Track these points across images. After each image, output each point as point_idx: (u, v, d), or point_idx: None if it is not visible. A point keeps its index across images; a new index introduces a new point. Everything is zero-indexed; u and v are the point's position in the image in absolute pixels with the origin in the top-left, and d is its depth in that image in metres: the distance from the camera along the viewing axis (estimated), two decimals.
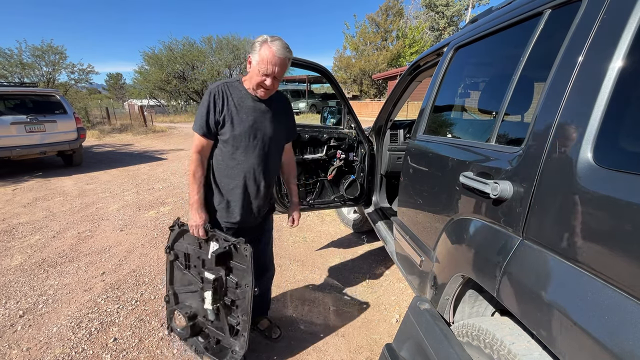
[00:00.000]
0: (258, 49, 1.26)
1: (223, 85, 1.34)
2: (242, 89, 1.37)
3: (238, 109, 1.34)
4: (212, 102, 1.31)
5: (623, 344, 0.51)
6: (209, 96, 1.32)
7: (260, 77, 1.28)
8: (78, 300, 2.19)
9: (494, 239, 0.91)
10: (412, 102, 13.90)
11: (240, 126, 1.35)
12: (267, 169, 1.47)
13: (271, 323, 1.86)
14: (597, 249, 0.61)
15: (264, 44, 1.25)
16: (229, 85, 1.36)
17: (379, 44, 24.84)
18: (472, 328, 0.91)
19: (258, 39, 1.28)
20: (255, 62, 1.27)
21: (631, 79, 0.63)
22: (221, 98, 1.32)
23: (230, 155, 1.38)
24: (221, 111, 1.32)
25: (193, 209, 1.39)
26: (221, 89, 1.33)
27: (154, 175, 6.00)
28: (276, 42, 1.25)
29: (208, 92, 1.33)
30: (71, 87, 17.89)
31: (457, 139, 1.44)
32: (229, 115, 1.33)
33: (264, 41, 1.26)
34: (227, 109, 1.33)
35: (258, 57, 1.25)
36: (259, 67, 1.26)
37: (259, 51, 1.25)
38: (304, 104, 18.97)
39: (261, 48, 1.25)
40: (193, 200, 1.39)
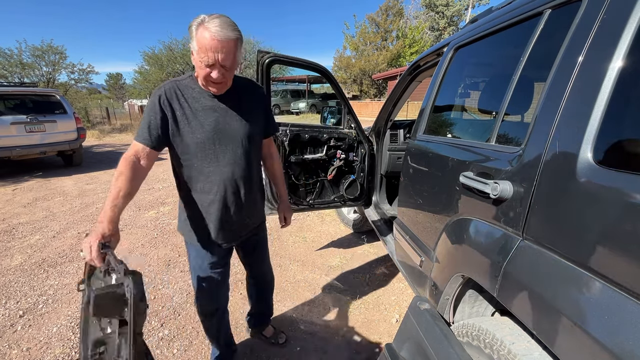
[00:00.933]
0: (194, 34, 0.99)
1: (172, 85, 1.11)
2: (196, 87, 1.13)
3: (194, 111, 1.11)
4: (159, 107, 1.07)
5: (623, 344, 0.51)
6: (156, 99, 1.07)
7: (204, 70, 1.03)
8: (78, 300, 2.19)
9: (494, 239, 0.91)
10: (412, 102, 13.90)
11: (200, 131, 1.11)
12: (246, 175, 1.23)
13: (275, 329, 1.84)
14: (597, 249, 0.61)
15: (200, 27, 0.98)
16: (179, 84, 1.12)
17: (379, 44, 24.84)
18: (472, 328, 0.91)
19: (193, 21, 1.01)
20: (194, 50, 1.01)
21: (631, 79, 0.63)
22: (172, 100, 1.09)
23: (197, 167, 1.15)
24: (174, 117, 1.09)
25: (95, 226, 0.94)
26: (170, 89, 1.10)
27: (153, 175, 6.00)
28: (215, 21, 0.98)
29: (155, 95, 1.08)
30: (71, 87, 17.88)
31: (457, 139, 1.44)
32: (185, 121, 1.10)
33: (199, 23, 0.99)
34: (181, 113, 1.09)
35: (196, 44, 0.99)
36: (199, 57, 1.00)
37: (196, 37, 0.99)
38: (304, 104, 18.97)
39: (197, 32, 0.99)
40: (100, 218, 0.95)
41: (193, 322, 1.98)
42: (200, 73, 1.05)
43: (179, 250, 2.93)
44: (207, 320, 1.45)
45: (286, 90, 21.35)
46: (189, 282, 2.41)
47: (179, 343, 1.80)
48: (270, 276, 1.69)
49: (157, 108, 1.07)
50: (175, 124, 1.10)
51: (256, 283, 1.67)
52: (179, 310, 2.09)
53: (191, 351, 1.74)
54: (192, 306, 2.13)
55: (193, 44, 1.01)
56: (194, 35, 1.00)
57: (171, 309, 2.10)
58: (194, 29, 1.00)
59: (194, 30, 1.00)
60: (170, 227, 3.46)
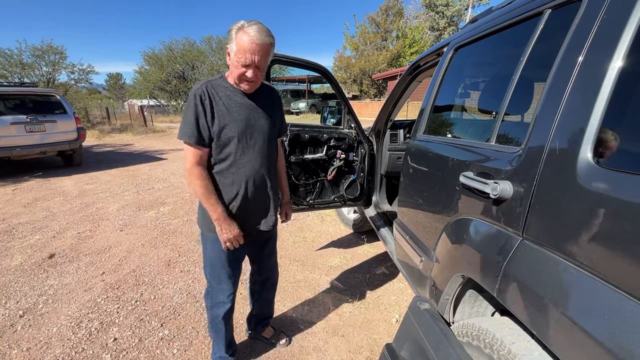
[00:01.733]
0: (234, 38, 1.12)
1: (207, 85, 1.20)
2: (228, 85, 1.23)
3: (228, 108, 1.21)
4: (200, 105, 1.17)
5: (623, 344, 0.51)
6: (194, 99, 1.16)
7: (240, 70, 1.15)
8: (78, 300, 2.19)
9: (494, 239, 0.91)
10: (412, 102, 13.91)
11: (235, 126, 1.22)
12: (271, 167, 1.37)
13: (275, 330, 1.84)
14: (597, 248, 0.61)
15: (240, 31, 1.11)
16: (213, 84, 1.22)
17: (379, 44, 24.83)
18: (472, 328, 0.91)
19: (233, 25, 1.13)
20: (233, 51, 1.13)
21: (631, 79, 0.63)
22: (208, 99, 1.18)
23: (229, 160, 1.25)
24: (212, 114, 1.18)
25: (222, 222, 1.24)
26: (206, 89, 1.19)
27: (154, 175, 6.00)
28: (253, 27, 1.10)
29: (192, 95, 1.17)
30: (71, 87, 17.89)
31: (457, 139, 1.44)
32: (221, 117, 1.20)
33: (239, 28, 1.11)
34: (217, 110, 1.19)
35: (235, 46, 1.12)
36: (237, 58, 1.12)
37: (235, 39, 1.11)
38: (304, 104, 18.97)
39: (237, 36, 1.11)
40: (218, 214, 1.23)
41: (193, 322, 1.98)
42: (235, 72, 1.17)
43: (179, 250, 2.93)
44: (215, 315, 1.47)
45: (286, 90, 21.35)
46: (189, 282, 2.41)
47: (179, 343, 1.80)
48: (276, 274, 1.72)
49: (199, 108, 1.16)
50: (213, 120, 1.19)
51: (261, 281, 1.67)
52: (179, 310, 2.09)
53: (191, 351, 1.74)
54: (192, 306, 2.13)
55: (232, 46, 1.14)
56: (234, 38, 1.12)
57: (171, 309, 2.10)
58: (234, 32, 1.12)
59: (233, 33, 1.12)
60: (170, 227, 3.47)
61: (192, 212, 3.94)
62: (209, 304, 1.49)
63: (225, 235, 1.26)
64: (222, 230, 1.25)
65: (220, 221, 1.24)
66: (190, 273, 2.54)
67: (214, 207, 1.22)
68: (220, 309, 1.45)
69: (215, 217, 1.23)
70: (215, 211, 1.22)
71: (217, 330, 1.52)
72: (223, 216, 1.23)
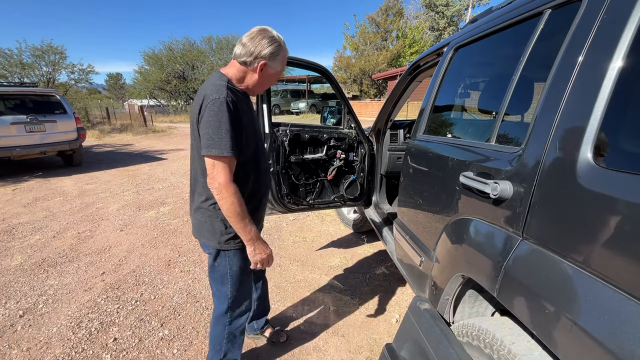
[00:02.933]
0: (279, 57, 1.13)
1: (228, 91, 1.08)
2: (239, 90, 1.16)
3: (247, 114, 1.16)
4: (235, 113, 1.06)
5: (623, 344, 0.51)
6: (227, 107, 1.04)
7: (274, 82, 1.23)
8: (78, 300, 2.19)
9: (494, 239, 0.91)
10: (412, 102, 13.90)
11: (253, 133, 1.20)
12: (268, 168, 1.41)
13: (274, 329, 1.84)
14: (597, 248, 0.61)
15: (281, 50, 1.13)
16: (230, 89, 1.10)
17: (379, 44, 24.83)
18: (472, 328, 0.91)
19: (271, 42, 1.09)
20: (275, 70, 1.16)
21: (631, 79, 0.63)
22: (234, 105, 1.08)
23: (252, 169, 1.21)
24: (241, 122, 1.10)
25: (257, 242, 1.17)
26: (230, 95, 1.08)
27: (154, 175, 6.00)
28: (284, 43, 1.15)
29: (223, 103, 1.04)
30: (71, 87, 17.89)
31: (457, 139, 1.44)
32: (246, 125, 1.14)
33: (279, 45, 1.11)
34: (244, 118, 1.13)
35: (279, 64, 1.15)
36: (277, 73, 1.18)
37: (280, 56, 1.14)
38: (304, 104, 18.97)
39: (280, 54, 1.13)
40: (252, 234, 1.15)
41: (193, 322, 1.98)
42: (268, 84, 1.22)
43: (179, 250, 2.93)
44: (237, 326, 1.39)
45: (286, 90, 21.35)
46: (189, 282, 2.41)
47: (179, 343, 1.80)
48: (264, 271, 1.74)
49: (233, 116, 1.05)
50: (242, 129, 1.11)
51: (257, 278, 1.68)
52: (179, 310, 2.09)
53: (191, 351, 1.74)
54: (192, 306, 2.13)
55: (275, 64, 1.15)
56: (279, 53, 1.13)
57: (171, 309, 2.10)
58: (276, 49, 1.11)
59: (278, 49, 1.12)
60: (170, 227, 3.47)
61: None
62: (228, 320, 1.36)
63: (259, 256, 1.19)
64: (255, 251, 1.17)
65: (254, 241, 1.16)
66: (190, 273, 2.54)
67: (248, 227, 1.12)
68: (243, 317, 1.40)
69: (249, 238, 1.14)
70: (250, 232, 1.14)
71: (234, 342, 1.41)
72: (257, 235, 1.17)
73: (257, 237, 1.17)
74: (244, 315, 1.40)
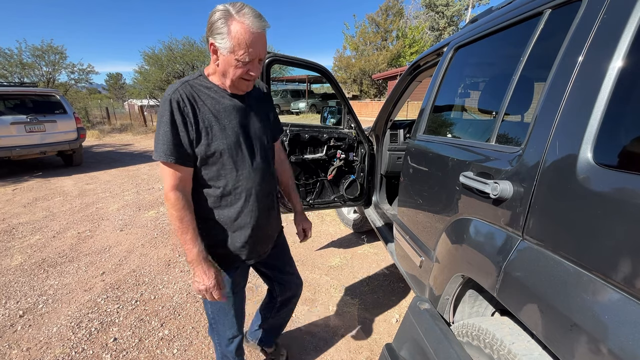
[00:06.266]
0: (226, 30, 0.88)
1: (185, 88, 0.96)
2: (212, 86, 1.00)
3: (216, 114, 0.98)
4: (179, 114, 0.92)
5: (623, 344, 0.51)
6: (170, 106, 0.91)
7: (241, 69, 0.93)
8: (78, 300, 2.19)
9: (494, 239, 0.91)
10: (412, 102, 13.90)
11: (225, 136, 0.99)
12: (271, 178, 1.15)
13: (277, 346, 1.69)
14: (597, 248, 0.61)
15: (232, 20, 0.87)
16: (192, 85, 0.98)
17: (379, 44, 24.83)
18: (472, 328, 0.91)
19: (216, 13, 0.89)
20: (227, 49, 0.90)
21: (631, 79, 0.63)
22: (189, 105, 0.93)
23: (224, 175, 1.02)
24: (194, 124, 0.94)
25: (196, 267, 0.99)
26: (184, 93, 0.94)
27: (154, 175, 6.00)
28: (246, 12, 0.88)
29: (167, 102, 0.92)
30: (71, 87, 17.88)
31: (457, 139, 1.44)
32: (207, 127, 0.96)
33: (228, 16, 0.88)
34: (202, 118, 0.96)
35: (230, 41, 0.88)
36: (235, 56, 0.90)
37: (229, 33, 0.88)
38: (304, 104, 18.96)
39: (230, 27, 0.87)
40: (192, 256, 0.98)
41: (193, 322, 1.98)
42: (233, 72, 0.94)
43: (179, 250, 2.93)
44: (228, 351, 1.26)
45: (286, 90, 21.35)
46: (189, 282, 2.41)
47: (179, 343, 1.80)
48: (299, 291, 1.48)
49: (177, 117, 0.92)
50: (198, 132, 0.95)
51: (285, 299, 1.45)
52: (179, 310, 2.09)
53: (191, 351, 1.74)
54: (192, 306, 2.13)
55: (223, 42, 0.89)
56: (224, 30, 0.88)
57: (171, 309, 2.10)
58: (223, 23, 0.87)
59: (222, 24, 0.88)
60: (170, 227, 3.46)
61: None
62: (216, 341, 1.26)
63: (196, 284, 1.01)
64: (194, 276, 1.00)
65: (194, 265, 0.99)
66: (190, 273, 2.53)
67: (189, 245, 0.97)
68: (231, 345, 1.24)
69: (190, 259, 0.98)
70: (190, 251, 0.97)
71: None
72: (198, 259, 0.98)
73: (198, 260, 0.98)
74: (231, 344, 1.25)
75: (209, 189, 1.03)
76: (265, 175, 1.11)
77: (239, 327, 1.25)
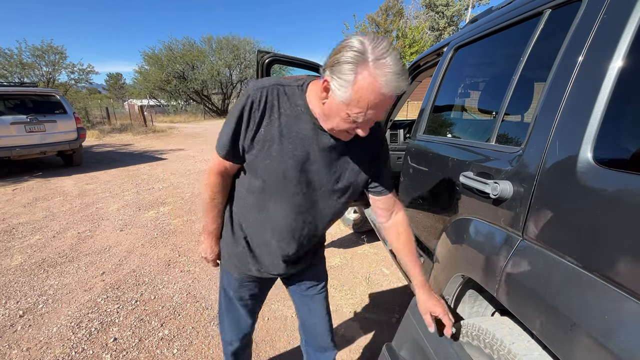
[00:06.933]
0: (351, 78, 0.67)
1: (271, 91, 0.82)
2: (301, 104, 0.83)
3: (283, 132, 0.83)
4: (248, 113, 0.81)
5: (623, 344, 0.51)
6: (244, 103, 0.81)
7: (349, 125, 0.75)
8: (78, 300, 2.19)
9: (494, 239, 0.91)
10: (412, 102, 13.91)
11: (278, 161, 0.84)
12: (310, 233, 0.96)
13: None
14: (597, 248, 0.61)
15: (364, 68, 0.66)
16: (285, 90, 0.83)
17: None
18: (472, 328, 0.91)
19: (347, 51, 0.67)
20: (344, 99, 0.70)
21: (631, 79, 0.63)
22: (261, 110, 0.81)
23: (257, 195, 0.91)
24: (256, 129, 0.83)
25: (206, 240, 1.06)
26: (266, 94, 0.81)
27: (154, 175, 6.00)
28: (387, 65, 0.65)
29: (245, 97, 0.81)
30: (71, 87, 17.90)
31: (457, 139, 1.44)
32: (265, 140, 0.83)
33: (361, 62, 0.66)
34: (266, 128, 0.83)
35: (350, 94, 0.68)
36: (348, 110, 0.71)
37: (354, 83, 0.67)
38: None
39: (358, 76, 0.67)
40: (207, 231, 1.03)
41: (193, 322, 1.98)
42: (338, 124, 0.77)
43: (179, 250, 2.93)
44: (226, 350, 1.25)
45: None
46: (189, 282, 2.41)
47: (179, 343, 1.80)
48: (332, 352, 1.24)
49: (244, 117, 0.82)
50: (253, 140, 0.84)
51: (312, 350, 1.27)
52: (179, 310, 2.09)
53: (191, 351, 1.74)
54: (192, 306, 2.13)
55: (342, 91, 0.69)
56: (351, 80, 0.67)
57: (171, 309, 2.10)
58: (351, 70, 0.67)
59: (349, 72, 0.67)
60: (170, 227, 3.46)
61: (192, 212, 3.94)
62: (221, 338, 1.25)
63: (202, 252, 1.09)
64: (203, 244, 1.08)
65: (205, 237, 1.06)
66: (190, 273, 2.54)
67: (209, 220, 1.01)
68: (229, 347, 1.23)
69: (204, 231, 1.04)
70: (208, 226, 1.02)
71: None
72: (210, 235, 1.05)
73: (210, 235, 1.04)
74: (229, 347, 1.22)
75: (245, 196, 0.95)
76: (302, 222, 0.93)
77: (237, 334, 1.19)
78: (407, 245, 1.01)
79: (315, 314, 1.18)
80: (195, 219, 3.70)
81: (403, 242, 1.01)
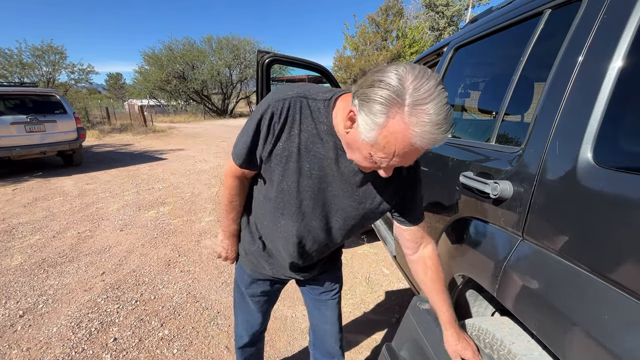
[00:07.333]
0: (381, 121, 0.58)
1: (294, 103, 0.75)
2: (324, 121, 0.76)
3: (301, 150, 0.77)
4: (267, 125, 0.75)
5: (623, 344, 0.51)
6: (263, 112, 0.75)
7: (369, 164, 0.68)
8: (78, 300, 2.19)
9: (494, 239, 0.91)
10: None
11: (293, 180, 0.80)
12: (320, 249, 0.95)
13: None
14: (597, 248, 0.61)
15: (397, 112, 0.56)
16: (308, 103, 0.76)
17: (379, 44, 24.81)
18: (472, 328, 0.91)
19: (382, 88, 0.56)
20: (369, 140, 0.62)
21: (631, 79, 0.63)
22: (282, 123, 0.75)
23: (272, 204, 0.88)
24: (274, 142, 0.77)
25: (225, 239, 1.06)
26: (291, 106, 0.75)
27: (154, 175, 6.00)
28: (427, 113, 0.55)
29: (265, 106, 0.75)
30: (71, 87, 17.90)
31: (457, 139, 1.44)
32: (284, 156, 0.78)
33: (396, 103, 0.56)
34: (284, 143, 0.77)
35: (377, 136, 0.60)
36: (372, 151, 0.64)
37: (383, 126, 0.58)
38: None
39: (389, 120, 0.57)
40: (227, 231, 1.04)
41: (193, 322, 1.98)
42: (359, 158, 0.69)
43: (179, 250, 2.93)
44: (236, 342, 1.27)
45: None
46: (189, 282, 2.41)
47: (179, 343, 1.80)
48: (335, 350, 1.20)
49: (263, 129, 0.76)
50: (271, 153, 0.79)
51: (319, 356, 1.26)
52: (179, 310, 2.09)
53: (191, 351, 1.74)
54: (192, 306, 2.13)
55: (368, 130, 0.60)
56: (381, 123, 0.58)
57: (171, 309, 2.10)
58: (382, 111, 0.57)
59: (379, 113, 0.57)
60: (170, 227, 3.46)
61: (192, 212, 3.94)
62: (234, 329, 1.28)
63: (219, 249, 1.08)
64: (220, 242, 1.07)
65: (225, 236, 1.05)
66: (190, 273, 2.54)
67: (228, 222, 1.01)
68: (239, 341, 1.25)
69: (223, 230, 1.04)
70: (228, 227, 1.03)
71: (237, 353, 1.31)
72: (227, 233, 1.04)
73: (229, 235, 1.05)
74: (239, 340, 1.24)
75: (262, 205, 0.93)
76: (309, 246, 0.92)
77: (247, 330, 1.20)
78: (437, 283, 0.91)
79: (327, 319, 1.17)
80: (195, 219, 3.70)
81: (432, 278, 0.91)
